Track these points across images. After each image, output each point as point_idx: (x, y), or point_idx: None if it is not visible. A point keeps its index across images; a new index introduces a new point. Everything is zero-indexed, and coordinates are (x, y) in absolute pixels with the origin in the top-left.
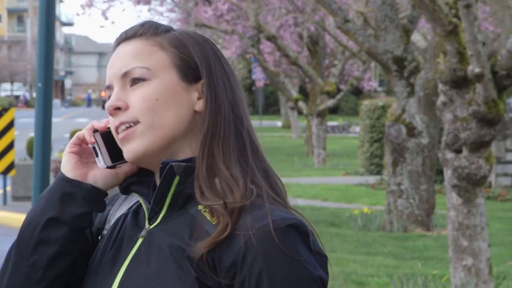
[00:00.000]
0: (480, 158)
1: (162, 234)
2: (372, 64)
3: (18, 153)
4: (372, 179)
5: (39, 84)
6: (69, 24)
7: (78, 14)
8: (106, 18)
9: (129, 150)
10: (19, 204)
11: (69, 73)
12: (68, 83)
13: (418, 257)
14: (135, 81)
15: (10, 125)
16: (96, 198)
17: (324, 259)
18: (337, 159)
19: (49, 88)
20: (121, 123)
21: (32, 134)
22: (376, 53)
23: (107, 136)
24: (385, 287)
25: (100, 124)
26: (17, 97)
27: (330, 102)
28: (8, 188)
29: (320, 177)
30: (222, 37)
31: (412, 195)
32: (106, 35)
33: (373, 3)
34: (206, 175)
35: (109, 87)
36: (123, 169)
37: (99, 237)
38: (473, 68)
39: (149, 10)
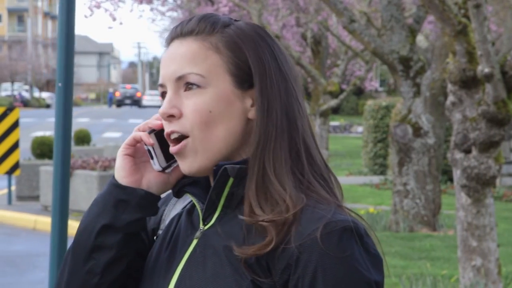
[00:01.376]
0: (489, 158)
1: (217, 236)
2: (374, 64)
3: (22, 153)
4: (376, 179)
5: (59, 84)
6: None
7: (86, 16)
8: (114, 19)
9: (183, 167)
10: (23, 204)
11: None
12: None
13: (425, 257)
14: (190, 85)
15: (15, 125)
16: (149, 203)
17: (380, 260)
18: (339, 159)
19: (70, 88)
20: (173, 132)
21: (34, 134)
22: (382, 53)
23: (160, 135)
24: (394, 287)
25: (155, 123)
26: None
27: (333, 102)
28: (13, 188)
29: None
30: None
31: (418, 195)
32: (106, 35)
33: (376, 3)
34: (255, 190)
35: (162, 86)
36: (175, 174)
37: (155, 237)
38: (482, 68)
39: (151, 9)
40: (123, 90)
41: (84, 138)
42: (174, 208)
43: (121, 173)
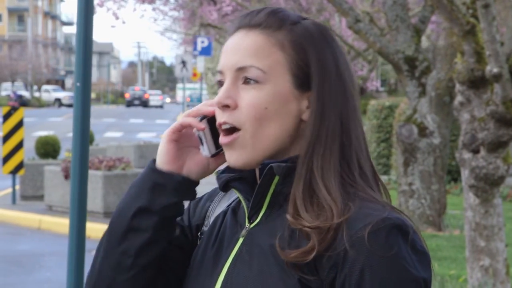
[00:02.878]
0: (497, 158)
1: (263, 234)
2: (376, 64)
3: (25, 153)
4: None
5: (78, 84)
6: (70, 23)
7: None
8: (117, 18)
9: (230, 159)
10: (27, 203)
11: (69, 72)
12: (68, 82)
13: (432, 257)
14: (248, 79)
15: (19, 125)
16: (187, 188)
17: (427, 258)
18: None
19: (88, 88)
20: (225, 122)
21: (36, 134)
22: (387, 53)
23: (211, 122)
24: None
25: (208, 109)
26: (19, 96)
27: None
28: (17, 188)
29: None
30: (224, 37)
31: (423, 195)
32: (106, 35)
33: (379, 3)
34: (302, 193)
35: (221, 72)
36: (216, 162)
37: (199, 234)
38: (491, 68)
39: (153, 9)
40: (132, 92)
41: None
42: (219, 206)
43: (163, 158)
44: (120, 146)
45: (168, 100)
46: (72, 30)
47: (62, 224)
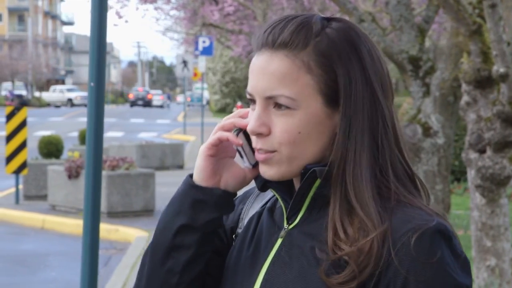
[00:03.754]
0: (504, 158)
1: (303, 236)
2: None
3: (27, 152)
4: None
5: (92, 84)
6: (70, 23)
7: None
8: (120, 17)
9: (265, 173)
10: (31, 203)
11: (69, 72)
12: (68, 82)
13: None
14: (279, 105)
15: (23, 125)
16: (226, 202)
17: (468, 263)
18: None
19: (102, 88)
20: (261, 149)
21: (37, 134)
22: (391, 53)
23: (246, 133)
24: None
25: (242, 122)
26: (20, 96)
27: None
28: (20, 187)
29: None
30: (225, 36)
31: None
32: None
33: (381, 2)
34: (340, 217)
35: (251, 95)
36: (252, 173)
37: (233, 236)
38: (497, 68)
39: (155, 9)
40: (136, 92)
41: None
42: (252, 207)
43: (201, 175)
44: (122, 146)
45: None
46: (72, 29)
47: (65, 224)
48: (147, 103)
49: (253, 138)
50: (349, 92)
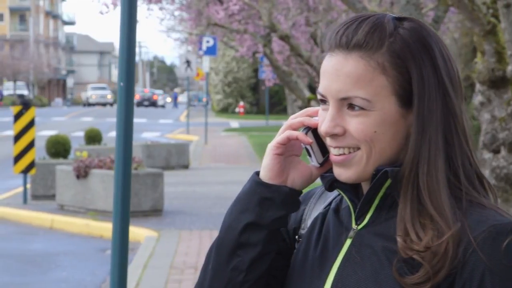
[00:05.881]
0: None
1: (373, 236)
2: None
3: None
4: None
5: (121, 84)
6: (71, 23)
7: (101, 13)
8: None
9: (340, 175)
10: (38, 203)
11: (70, 72)
12: (70, 82)
13: None
14: (353, 106)
15: (31, 124)
16: (293, 200)
17: None
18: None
19: (131, 87)
20: (339, 147)
21: (40, 133)
22: None
23: (314, 131)
24: None
25: (311, 121)
26: (20, 95)
27: None
28: (28, 187)
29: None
30: (228, 36)
31: None
32: (107, 34)
33: (386, 3)
34: (410, 216)
35: (323, 96)
36: (319, 171)
37: (296, 237)
38: None
39: (160, 9)
40: (141, 93)
41: (95, 137)
42: (314, 208)
43: (269, 173)
44: None
45: (168, 99)
46: (73, 29)
47: (74, 223)
48: (153, 104)
49: (327, 139)
50: (423, 93)
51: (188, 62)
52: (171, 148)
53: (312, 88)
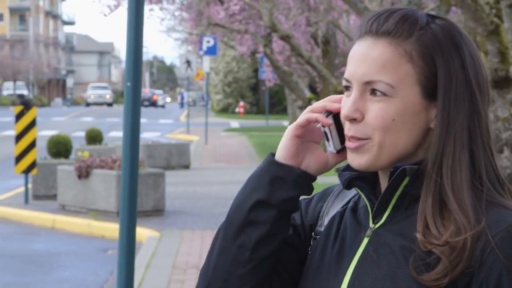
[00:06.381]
0: None
1: (391, 235)
2: None
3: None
4: None
5: (128, 84)
6: (71, 23)
7: (105, 15)
8: None
9: (353, 161)
10: (40, 203)
11: (70, 72)
12: (69, 82)
13: None
14: (376, 91)
15: (32, 124)
16: (306, 182)
17: None
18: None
19: (138, 87)
20: (354, 136)
21: (42, 133)
22: None
23: (336, 117)
24: None
25: (333, 106)
26: (20, 95)
27: None
28: (29, 187)
29: (336, 175)
30: (228, 36)
31: None
32: (106, 34)
33: (388, 2)
34: (432, 210)
35: (348, 81)
36: (335, 159)
37: (312, 234)
38: None
39: (161, 9)
40: (142, 94)
41: (96, 137)
42: (332, 206)
43: (284, 154)
44: None
45: (168, 99)
46: (73, 29)
47: (76, 223)
48: (153, 104)
49: (346, 124)
50: (449, 88)
51: (188, 62)
52: (171, 148)
53: (313, 88)
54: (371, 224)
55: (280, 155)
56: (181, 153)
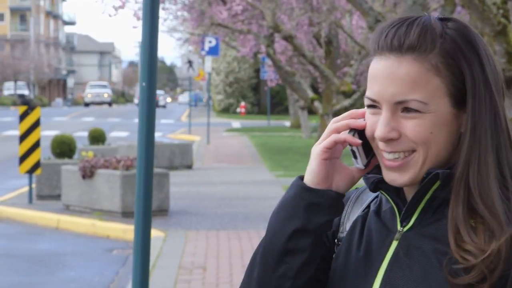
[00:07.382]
0: None
1: (421, 238)
2: None
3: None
4: None
5: (143, 84)
6: (71, 23)
7: (110, 16)
8: (139, 19)
9: (396, 180)
10: (44, 203)
11: (71, 72)
12: (70, 82)
13: None
14: (409, 109)
15: (36, 124)
16: (339, 204)
17: None
18: (349, 157)
19: (153, 87)
20: (396, 151)
21: (44, 133)
22: None
23: (359, 132)
24: None
25: (358, 123)
26: (21, 95)
27: (347, 102)
28: (33, 187)
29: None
30: (230, 36)
31: None
32: (107, 34)
33: (390, 3)
34: (463, 218)
35: (374, 101)
36: (360, 173)
37: (335, 240)
38: None
39: (163, 9)
40: None
41: (99, 137)
42: (352, 212)
43: (315, 179)
44: (131, 145)
45: (169, 99)
46: (74, 29)
47: (80, 223)
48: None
49: (383, 145)
50: (474, 92)
51: (190, 62)
52: (174, 148)
53: (315, 88)
54: (399, 227)
55: (311, 180)
56: (184, 153)
